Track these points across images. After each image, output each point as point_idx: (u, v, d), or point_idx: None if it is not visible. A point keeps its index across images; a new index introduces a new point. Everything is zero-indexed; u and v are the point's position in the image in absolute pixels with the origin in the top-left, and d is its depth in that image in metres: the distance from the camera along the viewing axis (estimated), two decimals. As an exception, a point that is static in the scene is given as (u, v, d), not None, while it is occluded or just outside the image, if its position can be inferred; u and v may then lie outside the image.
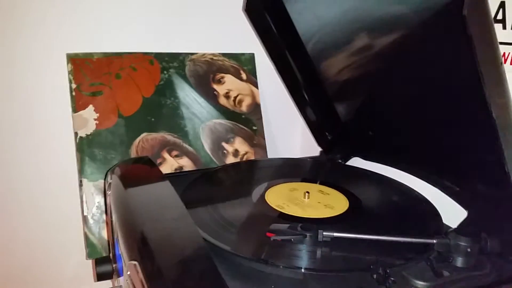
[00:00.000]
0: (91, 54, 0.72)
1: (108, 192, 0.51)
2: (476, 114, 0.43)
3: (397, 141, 0.65)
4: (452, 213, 0.55)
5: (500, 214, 0.45)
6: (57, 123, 0.71)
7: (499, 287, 0.41)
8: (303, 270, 0.41)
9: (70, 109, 0.70)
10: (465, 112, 0.47)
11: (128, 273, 0.35)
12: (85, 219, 0.68)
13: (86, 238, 0.68)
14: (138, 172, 0.54)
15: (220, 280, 0.33)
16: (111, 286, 0.56)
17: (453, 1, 0.41)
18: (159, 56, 0.77)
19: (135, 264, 0.34)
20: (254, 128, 0.84)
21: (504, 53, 0.55)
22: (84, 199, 0.68)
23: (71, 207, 0.72)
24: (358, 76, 0.66)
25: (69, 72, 0.70)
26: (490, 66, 0.37)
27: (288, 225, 0.46)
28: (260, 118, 0.85)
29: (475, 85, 0.38)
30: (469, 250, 0.42)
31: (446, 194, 0.57)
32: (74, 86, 0.70)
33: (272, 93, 0.88)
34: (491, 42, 0.37)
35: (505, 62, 0.55)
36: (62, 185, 0.72)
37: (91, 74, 0.72)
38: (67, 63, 0.70)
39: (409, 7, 0.48)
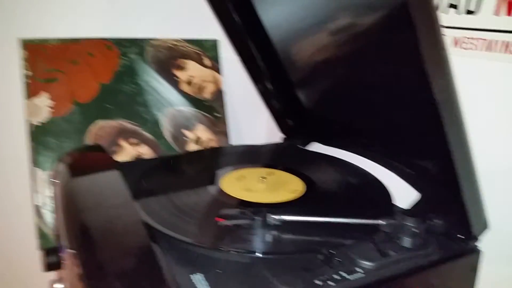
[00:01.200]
0: (46, 40, 0.69)
1: (55, 181, 0.50)
2: (422, 98, 0.43)
3: (355, 127, 0.65)
4: (409, 196, 0.55)
5: (446, 196, 0.46)
6: (8, 110, 0.69)
7: (443, 264, 0.42)
8: (250, 254, 0.41)
9: (22, 96, 0.67)
10: (414, 96, 0.47)
11: (66, 260, 0.34)
12: (37, 209, 0.66)
13: (38, 228, 0.66)
14: (87, 159, 0.53)
15: (158, 266, 0.32)
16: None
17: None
18: (118, 42, 0.75)
19: (72, 253, 0.33)
20: (217, 115, 0.83)
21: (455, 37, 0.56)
22: (36, 189, 0.66)
23: (23, 197, 0.70)
24: (320, 63, 0.66)
25: (23, 58, 0.67)
26: (432, 50, 0.37)
27: (238, 210, 0.45)
28: (224, 105, 0.84)
29: (421, 69, 0.38)
30: (415, 230, 0.42)
31: (401, 177, 0.58)
32: (27, 72, 0.67)
33: (237, 80, 0.87)
34: (434, 27, 0.37)
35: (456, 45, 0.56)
36: (14, 174, 0.70)
37: (46, 61, 0.69)
38: (21, 49, 0.67)
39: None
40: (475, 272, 0.45)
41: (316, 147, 0.73)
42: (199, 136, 0.80)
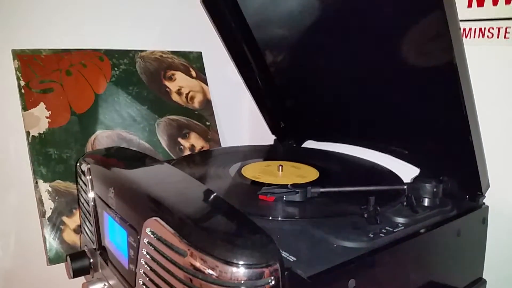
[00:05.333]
0: (39, 51, 0.69)
1: (88, 177, 0.50)
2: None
3: (346, 119, 0.70)
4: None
5: (451, 163, 0.52)
6: (6, 122, 0.66)
7: (464, 217, 0.49)
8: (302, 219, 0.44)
9: (20, 108, 0.66)
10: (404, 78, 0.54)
11: (149, 229, 0.35)
12: (42, 222, 0.63)
13: (45, 242, 0.63)
14: (119, 155, 0.53)
15: (245, 216, 0.35)
16: (86, 281, 0.53)
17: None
18: (109, 53, 0.76)
19: (156, 219, 0.34)
20: (207, 123, 0.85)
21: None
22: (41, 201, 0.64)
23: (27, 210, 0.67)
24: (303, 62, 0.70)
25: (16, 69, 0.66)
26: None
27: (277, 186, 0.49)
28: (212, 114, 0.87)
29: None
30: (435, 190, 0.49)
31: (396, 157, 0.65)
32: (22, 83, 0.66)
33: (220, 91, 0.91)
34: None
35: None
36: (16, 187, 0.67)
37: (40, 71, 0.68)
38: (14, 60, 0.66)
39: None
40: (486, 224, 0.52)
41: (311, 144, 0.78)
42: (193, 144, 0.82)
